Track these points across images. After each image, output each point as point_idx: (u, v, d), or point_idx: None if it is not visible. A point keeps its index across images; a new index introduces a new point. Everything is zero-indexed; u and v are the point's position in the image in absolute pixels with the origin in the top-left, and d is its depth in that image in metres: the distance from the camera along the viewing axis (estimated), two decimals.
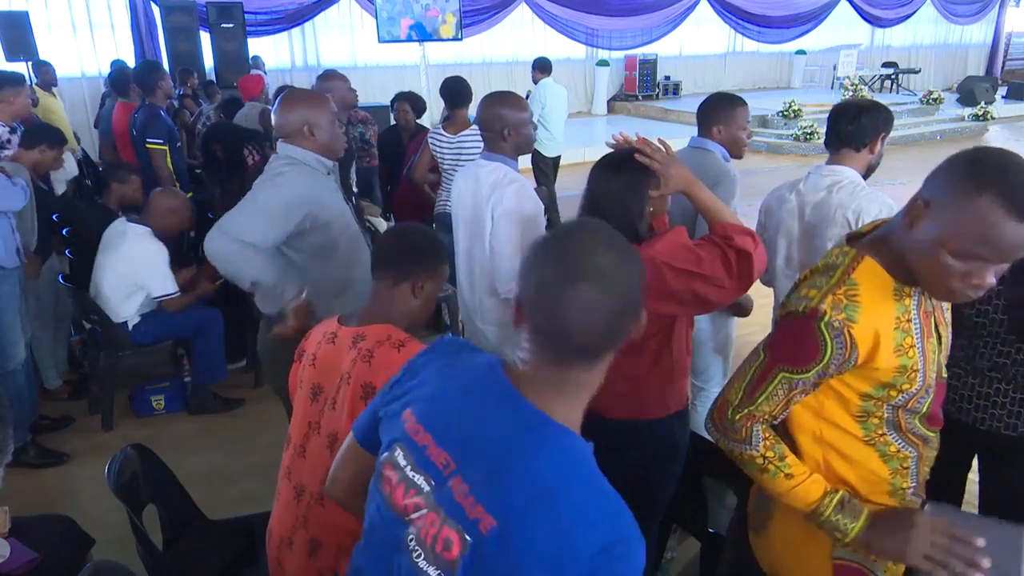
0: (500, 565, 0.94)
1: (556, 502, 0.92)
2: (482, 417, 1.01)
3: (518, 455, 0.96)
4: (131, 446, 2.06)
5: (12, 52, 8.06)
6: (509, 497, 0.94)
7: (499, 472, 0.96)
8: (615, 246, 0.99)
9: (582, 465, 0.96)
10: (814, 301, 1.25)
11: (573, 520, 0.91)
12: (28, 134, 3.66)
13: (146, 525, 1.94)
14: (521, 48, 14.59)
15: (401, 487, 1.05)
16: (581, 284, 0.94)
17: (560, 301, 0.95)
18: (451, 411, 1.05)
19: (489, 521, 0.95)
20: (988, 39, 19.74)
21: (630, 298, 0.98)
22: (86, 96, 10.32)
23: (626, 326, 0.99)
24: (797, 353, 1.29)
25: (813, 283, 1.30)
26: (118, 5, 10.86)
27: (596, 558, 0.88)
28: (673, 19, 15.38)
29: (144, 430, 3.58)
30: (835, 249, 1.37)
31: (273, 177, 2.23)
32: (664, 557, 2.48)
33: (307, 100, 2.34)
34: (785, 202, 2.46)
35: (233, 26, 9.88)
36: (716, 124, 2.66)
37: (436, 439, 1.03)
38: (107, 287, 3.49)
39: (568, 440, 0.98)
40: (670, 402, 1.97)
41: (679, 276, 1.73)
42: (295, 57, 12.63)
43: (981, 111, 13.22)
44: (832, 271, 1.30)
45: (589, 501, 0.93)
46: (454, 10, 10.05)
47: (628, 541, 0.91)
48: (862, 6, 17.14)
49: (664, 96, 15.29)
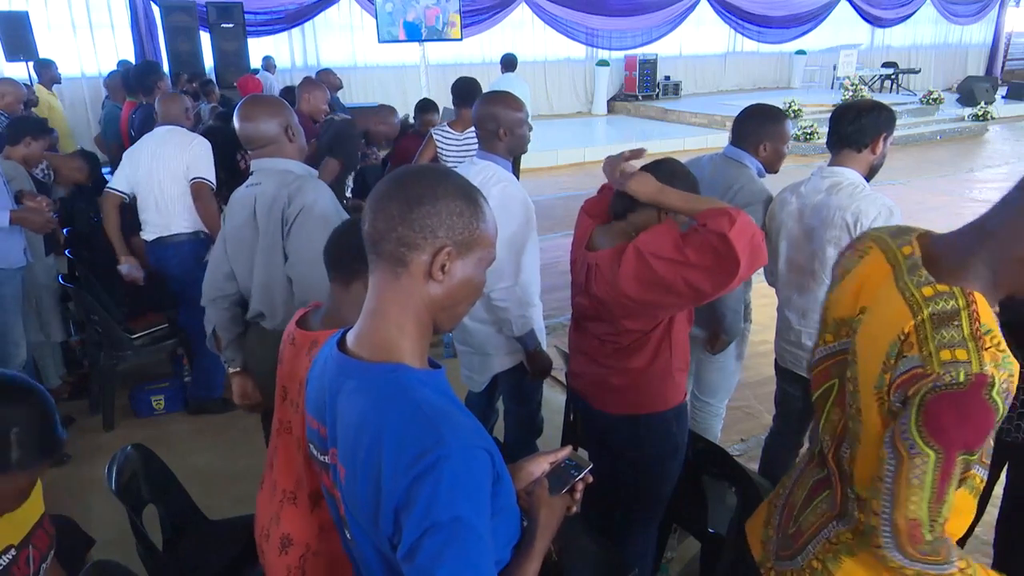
0: (355, 505, 1.02)
1: (370, 431, 0.96)
2: (326, 383, 1.08)
3: (341, 403, 1.03)
4: (131, 446, 2.06)
5: (12, 52, 8.07)
6: (345, 442, 1.02)
7: (339, 424, 1.04)
8: (433, 172, 1.04)
9: (398, 392, 0.98)
10: (973, 366, 1.07)
11: (388, 444, 0.94)
12: (10, 129, 3.58)
13: (146, 525, 1.94)
14: (521, 48, 14.58)
15: (320, 471, 1.14)
16: (379, 187, 1.03)
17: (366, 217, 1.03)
18: (318, 388, 1.12)
19: (343, 471, 1.03)
20: (988, 39, 19.74)
21: (418, 210, 0.99)
22: (86, 96, 10.33)
23: (408, 233, 0.99)
24: (973, 432, 1.10)
25: (944, 341, 1.10)
26: (118, 5, 10.87)
27: (408, 472, 0.91)
28: (673, 19, 15.39)
29: (144, 430, 3.58)
30: (925, 291, 1.16)
31: (310, 209, 2.13)
32: (664, 557, 2.48)
33: (276, 104, 2.28)
34: (786, 204, 2.45)
35: (233, 26, 9.90)
36: (765, 140, 2.51)
37: (318, 418, 1.11)
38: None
39: (380, 372, 1.01)
40: (669, 397, 1.97)
41: (669, 266, 1.72)
42: (295, 57, 12.63)
43: (981, 111, 13.20)
44: (953, 319, 1.11)
45: (403, 423, 0.94)
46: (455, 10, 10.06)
47: (435, 449, 0.90)
48: (862, 6, 17.14)
49: (664, 96, 15.29)
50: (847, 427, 1.31)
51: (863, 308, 1.27)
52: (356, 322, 1.07)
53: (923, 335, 1.12)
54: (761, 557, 1.54)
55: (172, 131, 3.48)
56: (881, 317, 1.21)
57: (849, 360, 1.28)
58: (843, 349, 1.32)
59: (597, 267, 1.89)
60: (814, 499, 1.43)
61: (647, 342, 1.91)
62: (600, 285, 1.89)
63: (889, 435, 1.16)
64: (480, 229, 1.02)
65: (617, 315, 1.89)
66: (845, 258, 1.39)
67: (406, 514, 0.90)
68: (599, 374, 2.02)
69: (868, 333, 1.24)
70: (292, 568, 1.53)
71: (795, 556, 1.41)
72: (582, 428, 2.28)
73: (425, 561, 0.89)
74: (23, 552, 1.46)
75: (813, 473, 1.47)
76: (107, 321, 3.52)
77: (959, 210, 6.86)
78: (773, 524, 1.55)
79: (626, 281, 1.79)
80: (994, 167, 10.17)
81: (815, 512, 1.41)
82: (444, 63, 12.37)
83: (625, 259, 1.78)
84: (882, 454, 1.16)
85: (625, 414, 1.99)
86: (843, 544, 1.33)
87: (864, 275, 1.30)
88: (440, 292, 1.02)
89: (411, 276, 1.00)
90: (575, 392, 2.20)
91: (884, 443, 1.17)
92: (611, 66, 14.89)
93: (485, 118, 2.41)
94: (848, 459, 1.31)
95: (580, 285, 2.00)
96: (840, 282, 1.37)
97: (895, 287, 1.20)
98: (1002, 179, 2.05)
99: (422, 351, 1.04)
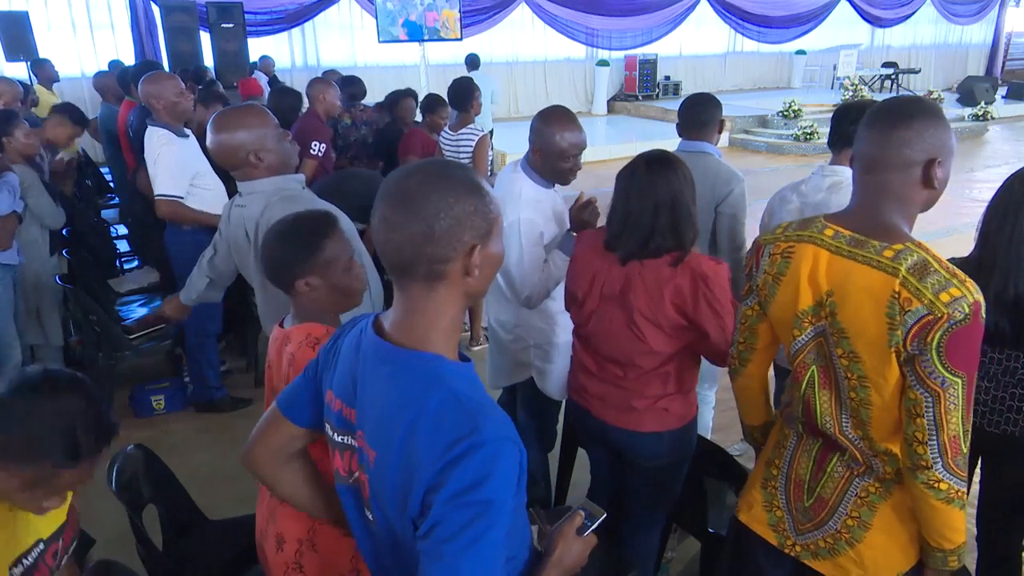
0: (382, 489, 1.03)
1: (407, 417, 0.97)
2: (359, 367, 1.08)
3: (376, 388, 1.04)
4: (131, 446, 2.06)
5: (12, 52, 8.07)
6: (376, 426, 1.03)
7: (369, 408, 1.05)
8: (432, 176, 1.00)
9: (436, 381, 0.99)
10: (969, 297, 1.26)
11: (424, 430, 0.96)
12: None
13: (146, 525, 1.94)
14: (521, 48, 14.59)
15: (337, 452, 1.15)
16: (384, 206, 1.00)
17: (375, 224, 1.02)
18: (346, 372, 1.12)
19: (372, 454, 1.04)
20: (988, 39, 19.74)
21: (438, 225, 0.97)
22: (86, 96, 10.29)
23: (439, 250, 0.98)
24: (978, 352, 1.31)
25: (936, 286, 1.26)
26: (118, 5, 10.86)
27: (442, 457, 0.93)
28: (673, 19, 15.38)
29: (144, 430, 3.57)
30: (886, 254, 1.33)
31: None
32: (664, 557, 2.48)
33: (237, 126, 2.11)
34: (787, 203, 2.46)
35: (233, 26, 9.87)
36: (714, 122, 2.69)
37: (344, 400, 1.12)
38: None
39: (418, 362, 1.02)
40: (685, 412, 2.03)
41: (707, 306, 1.82)
42: (295, 57, 12.62)
43: (981, 111, 13.20)
44: (927, 267, 1.29)
45: (440, 411, 0.96)
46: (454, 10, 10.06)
47: (470, 437, 0.93)
48: (862, 6, 17.14)
49: (664, 96, 15.28)
50: (843, 401, 1.44)
51: (829, 292, 1.40)
52: (391, 312, 1.08)
53: (913, 288, 1.28)
54: (778, 540, 1.62)
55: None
56: (859, 288, 1.35)
57: (834, 340, 1.41)
58: (819, 333, 1.44)
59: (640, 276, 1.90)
60: (825, 468, 1.53)
61: (671, 369, 1.96)
62: (642, 296, 1.90)
63: (914, 379, 1.31)
64: (493, 213, 1.04)
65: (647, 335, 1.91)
66: (766, 265, 1.52)
67: (435, 495, 0.93)
68: (619, 396, 2.02)
69: (851, 307, 1.36)
70: (289, 564, 1.54)
71: (824, 523, 1.53)
72: (582, 432, 2.28)
73: (440, 536, 0.91)
74: (51, 546, 1.45)
75: (810, 445, 1.56)
76: (105, 321, 3.52)
77: (958, 210, 6.85)
78: (779, 505, 1.62)
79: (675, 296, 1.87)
80: (994, 167, 10.17)
81: (832, 478, 1.52)
82: (444, 63, 12.35)
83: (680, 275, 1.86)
84: (915, 397, 1.32)
85: (649, 432, 2.00)
86: (874, 494, 1.47)
87: (803, 269, 1.44)
88: (476, 282, 1.05)
89: (449, 283, 1.02)
90: (579, 405, 2.17)
91: (911, 387, 1.32)
92: (611, 66, 14.88)
93: (531, 133, 2.33)
94: (853, 426, 1.45)
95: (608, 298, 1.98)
96: (777, 284, 1.50)
97: (854, 262, 1.36)
98: (1002, 179, 2.06)
99: (455, 344, 1.07)
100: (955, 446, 1.31)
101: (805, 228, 1.48)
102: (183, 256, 3.52)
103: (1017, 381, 1.91)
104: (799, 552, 1.57)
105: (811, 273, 1.43)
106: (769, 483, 1.65)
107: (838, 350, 1.41)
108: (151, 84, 3.40)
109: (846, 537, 1.50)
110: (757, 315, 1.61)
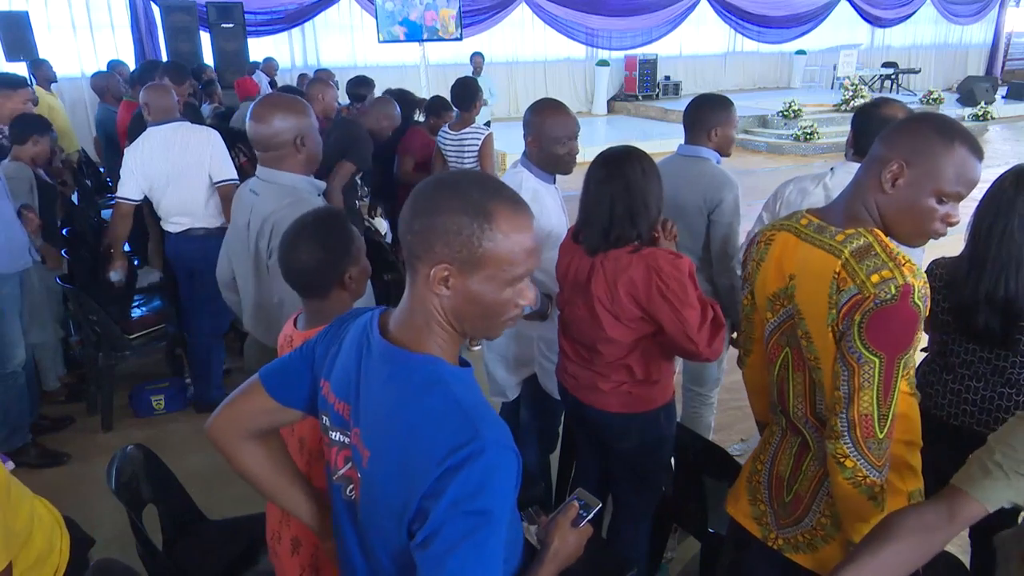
0: (374, 490, 1.02)
1: (405, 419, 0.97)
2: (359, 365, 1.07)
3: (374, 387, 1.03)
4: (131, 446, 2.06)
5: (12, 52, 8.07)
6: (373, 426, 1.02)
7: (366, 406, 1.04)
8: (457, 182, 1.01)
9: (435, 383, 0.98)
10: (899, 279, 1.27)
11: (424, 434, 0.95)
12: (14, 129, 3.55)
13: (146, 525, 1.93)
14: (521, 48, 14.59)
15: (334, 449, 1.14)
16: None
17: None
18: (344, 367, 1.10)
19: (366, 454, 1.03)
20: (988, 39, 19.74)
21: (418, 223, 0.98)
22: (86, 96, 10.29)
23: (416, 244, 0.99)
24: (904, 335, 1.31)
25: (870, 268, 1.31)
26: (118, 5, 10.87)
27: (441, 464, 0.92)
28: (673, 19, 15.39)
29: (144, 430, 3.58)
30: (838, 237, 1.38)
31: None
32: (664, 557, 2.49)
33: (291, 108, 2.14)
34: (808, 195, 2.42)
35: (233, 26, 9.88)
36: (714, 127, 2.58)
37: (340, 395, 1.10)
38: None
39: (418, 363, 1.00)
40: (657, 397, 2.06)
41: (660, 297, 1.85)
42: (295, 57, 12.63)
43: (981, 111, 13.21)
44: (870, 250, 1.33)
45: (440, 416, 0.95)
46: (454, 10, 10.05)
47: (471, 444, 0.92)
48: (862, 6, 17.14)
49: (664, 96, 15.28)
50: (812, 381, 1.47)
51: (791, 275, 1.46)
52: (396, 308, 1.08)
53: (851, 269, 1.33)
54: (761, 532, 1.64)
55: (182, 126, 3.45)
56: (811, 271, 1.41)
57: (796, 320, 1.46)
58: (788, 316, 1.49)
59: (602, 266, 1.93)
60: (802, 465, 1.56)
61: (634, 352, 1.98)
62: (600, 285, 1.93)
63: (839, 355, 1.35)
64: (485, 248, 0.95)
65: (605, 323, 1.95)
66: (753, 253, 1.58)
67: (433, 502, 0.92)
68: (589, 377, 2.08)
69: (805, 289, 1.43)
70: (305, 567, 1.55)
71: (801, 519, 1.55)
72: (568, 415, 2.34)
73: (440, 548, 0.90)
74: None
75: (791, 443, 1.59)
76: (105, 321, 3.52)
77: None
78: (762, 499, 1.65)
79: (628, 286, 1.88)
80: (994, 167, 10.07)
81: (807, 476, 1.55)
82: (444, 63, 12.36)
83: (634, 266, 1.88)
84: (837, 369, 1.36)
85: (616, 412, 2.06)
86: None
87: (777, 254, 1.51)
88: (448, 304, 1.00)
89: (422, 281, 1.00)
90: (563, 387, 2.24)
91: (836, 361, 1.36)
92: (611, 66, 14.89)
93: (526, 124, 2.36)
94: (815, 410, 1.49)
95: (577, 287, 2.03)
96: (759, 270, 1.56)
97: (812, 246, 1.42)
98: None
99: (453, 349, 1.05)
100: (866, 424, 1.32)
101: (790, 218, 1.53)
102: (183, 256, 3.54)
103: (1006, 381, 1.90)
104: (781, 545, 1.59)
105: (779, 258, 1.50)
106: (754, 477, 1.69)
107: (799, 331, 1.45)
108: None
109: (821, 534, 1.52)
110: (751, 304, 1.64)
